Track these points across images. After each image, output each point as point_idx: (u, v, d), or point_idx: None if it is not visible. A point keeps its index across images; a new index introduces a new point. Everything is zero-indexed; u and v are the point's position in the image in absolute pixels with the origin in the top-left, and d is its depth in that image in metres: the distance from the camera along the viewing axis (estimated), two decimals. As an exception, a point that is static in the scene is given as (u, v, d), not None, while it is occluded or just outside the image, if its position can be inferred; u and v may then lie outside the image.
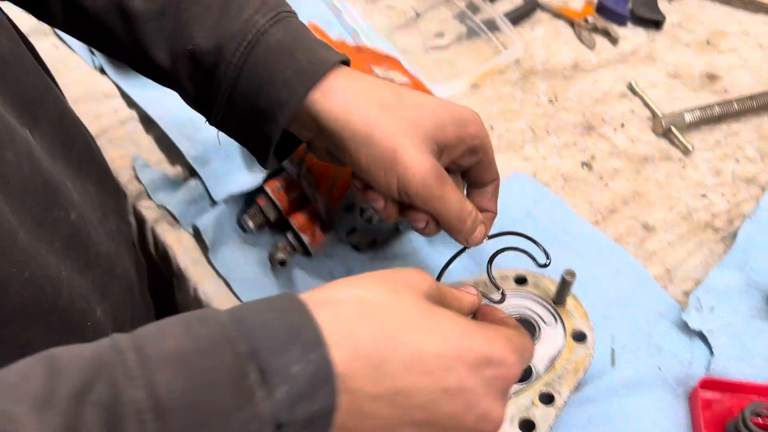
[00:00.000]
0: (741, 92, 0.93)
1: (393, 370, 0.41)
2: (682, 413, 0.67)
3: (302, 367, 0.36)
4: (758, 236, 0.78)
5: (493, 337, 0.45)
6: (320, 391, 0.37)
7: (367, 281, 0.44)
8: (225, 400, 0.35)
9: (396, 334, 0.41)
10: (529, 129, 0.90)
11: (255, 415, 0.35)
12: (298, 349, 0.37)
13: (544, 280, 0.69)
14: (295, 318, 0.38)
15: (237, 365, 0.36)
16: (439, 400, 0.42)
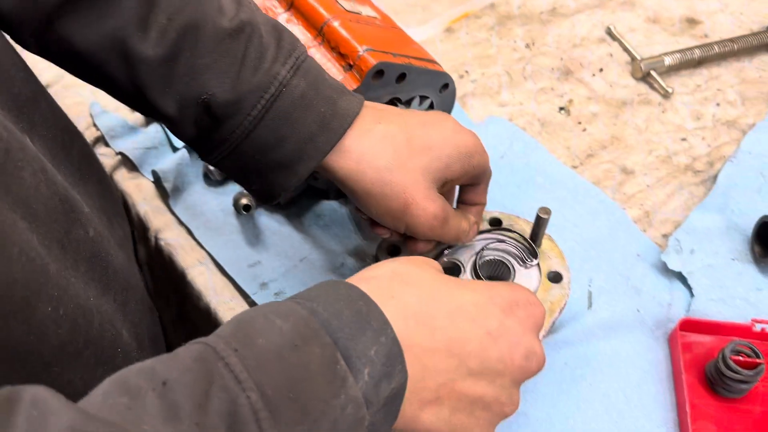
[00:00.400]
0: (721, 36, 0.91)
1: (441, 322, 0.43)
2: (661, 355, 0.65)
3: (377, 350, 0.39)
4: (739, 178, 0.76)
5: (512, 285, 0.49)
6: (395, 369, 0.40)
7: (391, 261, 0.48)
8: (322, 389, 0.36)
9: (434, 293, 0.45)
10: (506, 74, 0.87)
11: (351, 398, 0.37)
12: (370, 334, 0.39)
13: (520, 222, 0.67)
14: (361, 306, 0.40)
15: (327, 355, 0.37)
16: (486, 345, 0.44)
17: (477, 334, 0.44)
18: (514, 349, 0.45)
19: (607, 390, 0.62)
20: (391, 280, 0.45)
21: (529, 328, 0.47)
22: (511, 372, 0.45)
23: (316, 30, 0.66)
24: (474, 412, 0.45)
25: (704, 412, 0.62)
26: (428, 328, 0.43)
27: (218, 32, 0.49)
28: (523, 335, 0.46)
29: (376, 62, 0.62)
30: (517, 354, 0.45)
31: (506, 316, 0.46)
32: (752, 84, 0.87)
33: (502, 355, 0.45)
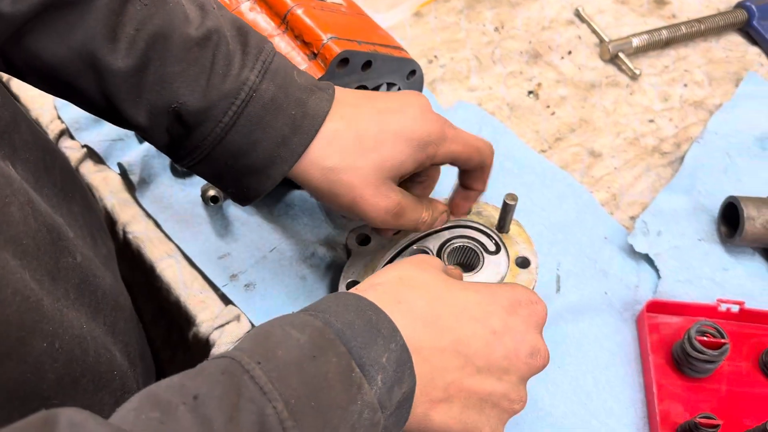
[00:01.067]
0: (689, 16, 0.91)
1: (448, 323, 0.46)
2: (629, 337, 0.66)
3: (388, 357, 0.41)
4: (706, 159, 0.77)
5: (512, 285, 0.52)
6: (405, 374, 0.42)
7: (396, 265, 0.50)
8: (340, 396, 0.38)
9: (439, 295, 0.47)
10: (475, 58, 0.86)
11: (366, 404, 0.39)
12: (381, 342, 0.41)
13: (488, 208, 0.67)
14: (371, 315, 0.42)
15: (343, 363, 0.39)
16: (492, 343, 0.46)
17: (482, 333, 0.46)
18: (519, 346, 0.47)
19: (575, 372, 0.63)
20: (398, 285, 0.47)
21: (533, 326, 0.49)
22: (518, 369, 0.47)
23: (280, 18, 0.65)
24: (484, 409, 0.47)
25: (671, 391, 0.63)
26: (435, 329, 0.45)
27: (186, 41, 0.48)
28: (527, 333, 0.48)
29: (340, 50, 0.62)
30: (523, 351, 0.47)
31: (509, 315, 0.48)
32: (719, 64, 0.87)
33: (508, 352, 0.47)
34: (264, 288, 0.66)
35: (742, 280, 0.69)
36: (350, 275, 0.63)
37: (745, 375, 0.64)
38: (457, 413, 0.46)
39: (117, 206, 0.71)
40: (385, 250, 0.64)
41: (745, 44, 0.90)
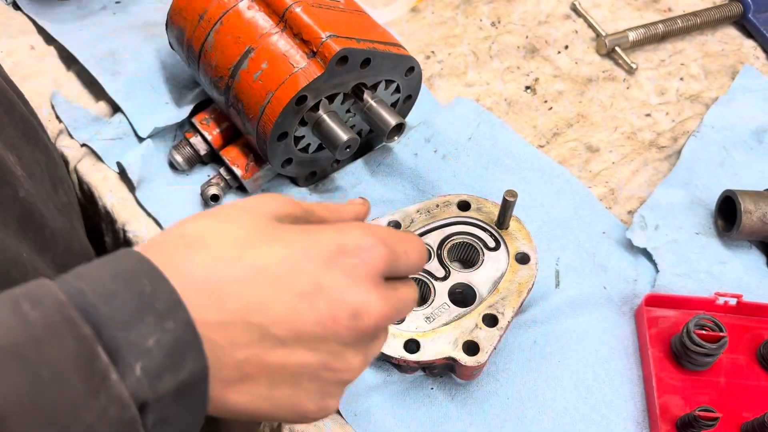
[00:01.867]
0: (685, 10, 0.91)
1: (233, 289, 0.37)
2: (628, 331, 0.66)
3: (159, 339, 0.33)
4: (702, 153, 0.77)
5: (343, 227, 0.41)
6: (186, 358, 0.34)
7: (192, 217, 0.41)
8: (75, 390, 0.31)
9: (224, 255, 0.38)
10: (472, 53, 0.87)
11: (113, 399, 0.32)
12: (152, 320, 0.34)
13: (488, 204, 0.67)
14: (145, 285, 0.34)
15: (83, 350, 0.32)
16: (298, 308, 0.38)
17: (284, 296, 0.38)
18: (336, 308, 0.39)
19: (575, 366, 0.64)
20: (174, 246, 0.38)
21: (360, 279, 0.40)
22: (337, 335, 0.39)
23: (278, 16, 0.65)
24: (300, 383, 0.40)
25: (670, 384, 0.63)
26: (215, 299, 0.36)
27: None
28: (350, 290, 0.39)
29: (339, 49, 0.62)
30: (341, 314, 0.39)
31: (326, 270, 0.39)
32: (715, 58, 0.88)
33: (320, 317, 0.38)
34: (265, 286, 0.66)
35: (740, 273, 0.70)
36: (351, 272, 0.63)
37: (744, 368, 0.65)
38: (264, 391, 0.39)
39: (116, 205, 0.71)
40: (385, 247, 0.65)
41: (741, 37, 0.90)
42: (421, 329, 0.60)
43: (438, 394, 0.61)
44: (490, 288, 0.62)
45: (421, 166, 0.74)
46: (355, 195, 0.73)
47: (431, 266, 0.64)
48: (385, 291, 0.41)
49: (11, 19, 0.84)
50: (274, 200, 0.43)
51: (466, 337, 0.59)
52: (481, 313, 0.60)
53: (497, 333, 0.59)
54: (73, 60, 0.79)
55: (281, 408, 0.40)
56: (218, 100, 0.69)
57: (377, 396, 0.60)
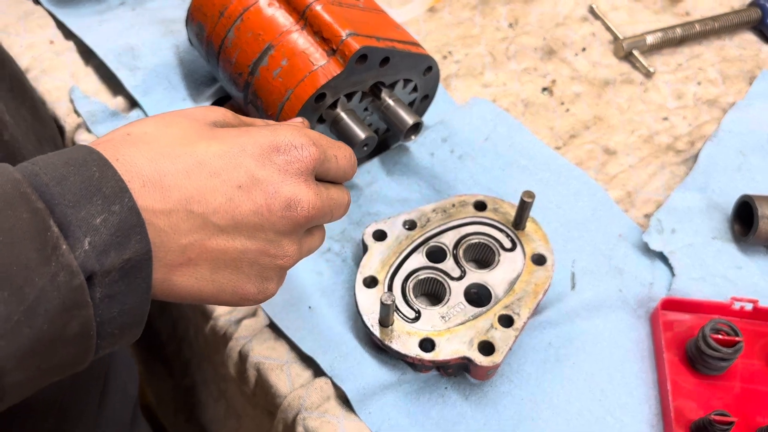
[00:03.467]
0: (703, 14, 0.91)
1: (175, 180, 0.41)
2: (643, 334, 0.66)
3: (105, 219, 0.37)
4: (719, 158, 0.77)
5: (277, 127, 0.46)
6: (131, 239, 0.37)
7: (136, 121, 0.44)
8: (28, 256, 0.34)
9: (167, 150, 0.42)
10: (489, 54, 0.87)
11: (63, 266, 0.35)
12: (99, 202, 0.37)
13: (504, 205, 0.67)
14: (94, 172, 0.38)
15: (36, 221, 0.35)
16: (236, 199, 0.42)
17: (223, 188, 0.42)
18: (272, 199, 0.44)
19: (590, 369, 0.63)
20: (121, 142, 0.41)
21: (292, 174, 0.45)
22: (272, 224, 0.44)
23: (299, 14, 0.66)
24: (241, 267, 0.44)
25: (685, 389, 0.63)
26: (159, 189, 0.40)
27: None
28: (283, 184, 0.44)
29: (359, 47, 0.62)
30: (276, 204, 0.44)
31: (261, 166, 0.44)
32: (733, 62, 0.87)
33: (258, 207, 0.43)
34: (281, 282, 0.67)
35: (756, 278, 0.70)
36: (367, 271, 0.63)
37: (759, 373, 0.64)
38: (207, 274, 0.43)
39: (134, 200, 0.71)
40: (401, 246, 0.65)
41: (759, 42, 0.90)
42: (436, 328, 0.60)
43: (452, 394, 0.61)
44: (506, 289, 0.62)
45: (438, 166, 0.74)
46: (370, 194, 0.74)
47: (447, 266, 0.64)
48: (316, 187, 0.46)
49: (31, 14, 0.85)
50: (212, 110, 0.47)
51: (482, 337, 0.59)
52: (496, 314, 0.60)
53: (513, 334, 0.59)
54: (92, 55, 0.80)
55: (224, 291, 0.44)
56: (237, 96, 0.69)
57: (391, 394, 0.60)
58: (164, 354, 1.03)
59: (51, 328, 0.35)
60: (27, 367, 0.35)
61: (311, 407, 0.60)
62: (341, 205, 0.51)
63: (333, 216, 0.50)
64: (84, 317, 0.36)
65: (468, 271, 0.63)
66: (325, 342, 0.63)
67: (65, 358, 0.37)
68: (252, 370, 0.64)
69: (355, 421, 0.59)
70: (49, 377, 0.37)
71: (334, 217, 0.50)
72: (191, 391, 1.01)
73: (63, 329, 0.35)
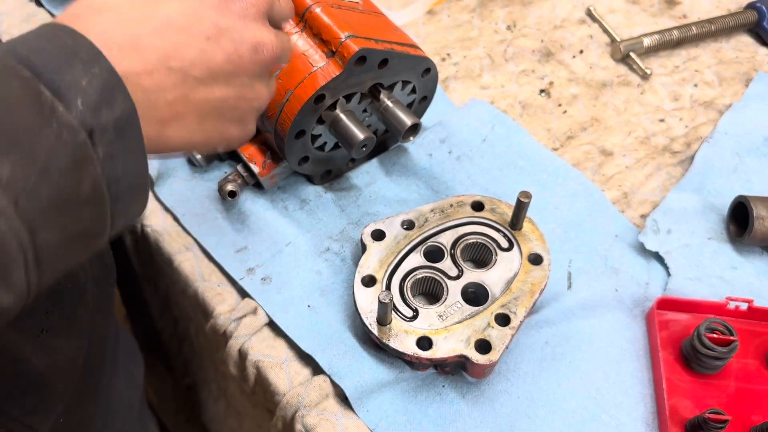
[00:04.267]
0: (700, 17, 0.92)
1: (150, 41, 0.42)
2: (639, 333, 0.67)
3: (89, 81, 0.38)
4: (715, 159, 0.78)
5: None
6: (116, 98, 0.39)
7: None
8: (28, 119, 0.35)
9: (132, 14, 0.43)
10: (487, 56, 0.87)
11: (64, 125, 0.36)
12: (80, 66, 0.38)
13: (502, 205, 0.68)
14: (66, 40, 0.39)
15: (28, 88, 0.36)
16: (208, 51, 0.44)
17: (193, 42, 0.44)
18: (239, 46, 0.46)
19: (586, 368, 0.64)
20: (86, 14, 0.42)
21: (252, 19, 0.47)
22: (245, 68, 0.46)
23: (298, 16, 0.66)
24: (223, 114, 0.47)
25: (680, 387, 0.64)
26: (135, 51, 0.41)
27: None
28: (246, 29, 0.46)
29: (358, 49, 0.62)
30: (244, 49, 0.46)
31: (222, 15, 0.45)
32: (729, 65, 0.88)
33: (228, 55, 0.45)
34: (280, 282, 0.67)
35: (751, 278, 0.70)
36: (365, 270, 0.64)
37: (754, 372, 0.65)
38: (195, 125, 0.45)
39: (135, 200, 0.72)
40: (399, 245, 0.65)
41: (755, 45, 0.90)
42: (434, 327, 0.61)
43: (449, 392, 0.62)
44: (502, 288, 0.63)
45: (436, 167, 0.75)
46: (369, 194, 0.74)
47: (444, 265, 0.64)
48: (273, 29, 0.49)
49: (33, 15, 0.86)
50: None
51: (479, 336, 0.60)
52: (493, 313, 0.61)
53: (509, 332, 0.60)
54: (94, 56, 0.81)
55: (212, 137, 0.47)
56: (237, 97, 0.70)
57: (389, 392, 0.61)
58: (165, 353, 1.03)
59: (66, 185, 0.36)
60: (53, 226, 0.36)
61: (310, 405, 0.60)
62: (290, 48, 0.53)
63: (288, 58, 0.52)
64: (93, 175, 0.37)
65: (465, 270, 0.64)
66: (323, 340, 0.63)
67: (85, 221, 0.38)
68: (251, 368, 0.64)
69: (353, 419, 0.60)
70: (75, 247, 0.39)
71: (288, 59, 0.53)
72: (192, 390, 1.02)
73: (77, 187, 0.37)
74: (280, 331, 0.65)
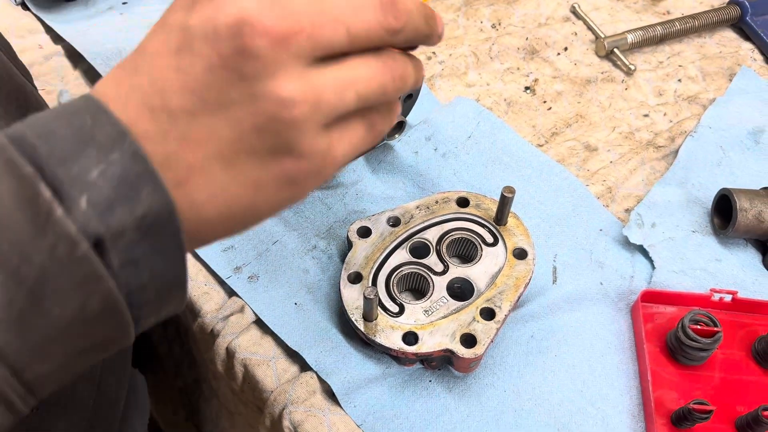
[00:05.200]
0: (683, 13, 0.92)
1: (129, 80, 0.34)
2: (624, 326, 0.67)
3: (103, 171, 0.31)
4: (699, 153, 0.78)
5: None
6: (141, 190, 0.31)
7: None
8: (20, 230, 0.30)
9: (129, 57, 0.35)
10: (473, 55, 0.88)
11: (60, 235, 0.30)
12: (93, 153, 0.31)
13: (486, 201, 0.69)
14: (86, 119, 0.31)
15: (24, 188, 0.30)
16: (183, 65, 0.33)
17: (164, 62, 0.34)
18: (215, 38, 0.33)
19: (572, 361, 0.64)
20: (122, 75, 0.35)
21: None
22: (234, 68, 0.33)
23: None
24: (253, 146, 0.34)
25: (665, 379, 0.64)
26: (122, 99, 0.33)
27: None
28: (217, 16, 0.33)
29: (340, 47, 0.63)
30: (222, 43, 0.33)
31: (189, 10, 0.34)
32: (712, 60, 0.89)
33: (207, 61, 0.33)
34: (267, 280, 0.68)
35: (735, 270, 0.71)
36: (351, 267, 0.64)
37: (738, 363, 0.66)
38: (223, 176, 0.34)
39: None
40: (385, 242, 0.66)
41: (739, 40, 0.91)
42: (419, 322, 0.61)
43: (436, 387, 0.62)
44: (488, 282, 0.63)
45: (422, 164, 0.76)
46: (355, 192, 0.75)
47: (430, 261, 0.65)
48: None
49: (19, 20, 0.86)
50: None
51: (464, 330, 0.60)
52: (478, 307, 0.61)
53: (494, 326, 0.60)
54: (81, 59, 0.81)
55: (262, 185, 0.35)
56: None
57: (376, 388, 0.61)
58: (157, 357, 1.03)
59: (65, 310, 0.30)
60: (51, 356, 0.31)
61: (297, 401, 0.61)
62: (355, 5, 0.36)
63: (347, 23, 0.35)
64: (103, 291, 0.31)
65: (451, 266, 0.65)
66: (310, 337, 0.64)
67: (98, 338, 0.32)
68: (239, 366, 0.65)
69: (340, 415, 0.60)
70: (88, 359, 0.33)
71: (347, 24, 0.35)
72: (184, 391, 1.02)
73: (81, 309, 0.31)
74: (268, 329, 0.65)
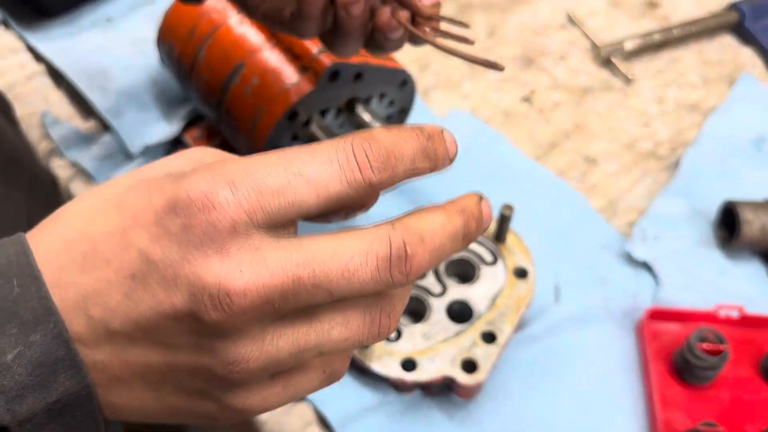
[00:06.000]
0: (682, 18, 0.90)
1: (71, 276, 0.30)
2: (628, 345, 0.65)
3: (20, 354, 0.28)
4: (702, 163, 0.76)
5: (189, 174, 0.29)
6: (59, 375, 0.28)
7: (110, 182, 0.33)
8: None
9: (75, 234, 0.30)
10: (467, 65, 0.86)
11: None
12: (14, 332, 0.28)
13: (484, 218, 0.66)
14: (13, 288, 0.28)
15: None
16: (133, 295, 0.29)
17: (117, 281, 0.29)
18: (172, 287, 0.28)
19: (576, 383, 0.62)
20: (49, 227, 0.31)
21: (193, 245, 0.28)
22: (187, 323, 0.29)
23: (270, 31, 0.65)
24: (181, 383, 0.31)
25: (673, 400, 0.62)
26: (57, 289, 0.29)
27: None
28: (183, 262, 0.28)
29: (330, 63, 0.61)
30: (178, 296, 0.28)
31: (153, 240, 0.29)
32: (713, 66, 0.87)
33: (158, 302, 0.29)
34: (259, 304, 0.65)
35: (741, 283, 0.69)
36: (346, 290, 0.62)
37: (747, 381, 0.64)
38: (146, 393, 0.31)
39: (108, 224, 0.70)
40: (381, 264, 0.64)
41: (738, 45, 0.89)
42: (418, 347, 0.59)
43: (436, 414, 0.60)
44: (488, 304, 0.61)
45: (417, 180, 0.73)
46: (350, 210, 0.72)
47: (427, 282, 0.63)
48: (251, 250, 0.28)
49: (1, 39, 0.84)
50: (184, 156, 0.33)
51: (465, 355, 0.58)
52: (479, 330, 0.59)
53: (496, 350, 0.58)
54: (63, 78, 0.79)
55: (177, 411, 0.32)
56: (210, 115, 0.68)
57: (374, 418, 0.59)
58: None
59: None
60: None
61: (292, 432, 0.58)
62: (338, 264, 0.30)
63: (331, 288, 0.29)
64: None
65: (449, 287, 0.62)
66: (305, 364, 0.62)
67: None
68: (232, 395, 0.62)
69: (337, 445, 0.58)
70: None
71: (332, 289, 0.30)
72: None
73: None
74: (261, 356, 0.63)
